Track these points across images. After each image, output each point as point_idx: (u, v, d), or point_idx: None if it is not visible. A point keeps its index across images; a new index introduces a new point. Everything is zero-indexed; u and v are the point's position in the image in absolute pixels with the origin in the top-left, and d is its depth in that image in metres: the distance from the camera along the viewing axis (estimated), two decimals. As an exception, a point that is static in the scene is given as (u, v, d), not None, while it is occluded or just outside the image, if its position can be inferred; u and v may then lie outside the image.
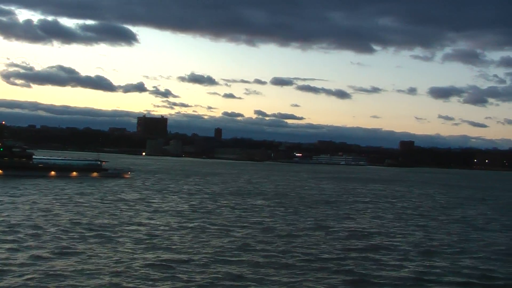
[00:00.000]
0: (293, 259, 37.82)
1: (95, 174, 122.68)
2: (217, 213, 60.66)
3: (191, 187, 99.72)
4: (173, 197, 79.62)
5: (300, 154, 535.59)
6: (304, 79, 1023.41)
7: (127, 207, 63.85)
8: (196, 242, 42.76)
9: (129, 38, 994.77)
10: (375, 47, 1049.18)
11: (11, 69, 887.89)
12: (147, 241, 42.59)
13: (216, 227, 50.90)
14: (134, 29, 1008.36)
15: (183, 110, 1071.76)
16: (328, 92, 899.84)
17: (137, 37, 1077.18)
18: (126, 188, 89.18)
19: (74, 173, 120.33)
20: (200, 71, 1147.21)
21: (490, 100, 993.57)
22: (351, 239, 46.69)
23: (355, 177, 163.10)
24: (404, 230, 52.07)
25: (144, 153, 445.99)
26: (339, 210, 69.73)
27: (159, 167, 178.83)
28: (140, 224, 51.29)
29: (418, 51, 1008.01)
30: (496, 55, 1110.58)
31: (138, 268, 33.44)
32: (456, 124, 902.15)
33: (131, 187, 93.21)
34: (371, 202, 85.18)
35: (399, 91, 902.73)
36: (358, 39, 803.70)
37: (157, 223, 52.45)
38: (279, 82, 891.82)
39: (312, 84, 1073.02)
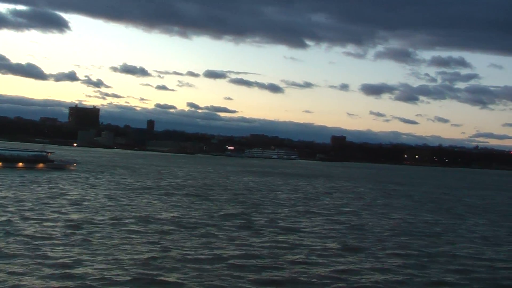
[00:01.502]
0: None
1: (41, 165, 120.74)
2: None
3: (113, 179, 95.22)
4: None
5: (233, 148, 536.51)
6: (237, 73, 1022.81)
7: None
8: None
9: (61, 26, 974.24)
10: (308, 42, 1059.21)
11: None
12: None
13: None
14: (66, 16, 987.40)
15: (116, 101, 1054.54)
16: (261, 86, 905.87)
17: (69, 24, 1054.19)
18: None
19: (21, 164, 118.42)
20: (132, 62, 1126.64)
21: (421, 98, 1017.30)
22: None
23: (281, 172, 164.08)
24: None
25: (75, 144, 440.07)
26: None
27: (88, 159, 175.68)
28: None
29: (351, 48, 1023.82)
30: (427, 54, 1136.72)
31: None
32: (387, 120, 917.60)
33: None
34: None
35: (331, 86, 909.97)
36: (292, 34, 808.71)
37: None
38: (212, 75, 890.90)
39: (245, 77, 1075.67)
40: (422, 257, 36.83)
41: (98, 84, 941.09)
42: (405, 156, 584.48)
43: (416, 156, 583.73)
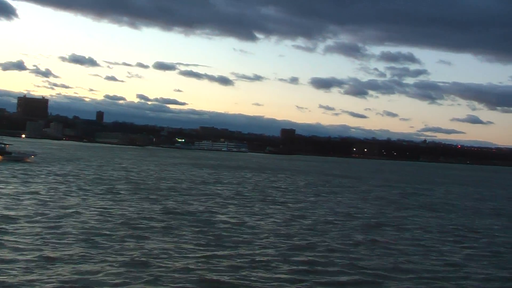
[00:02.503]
0: None
1: None
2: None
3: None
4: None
5: (182, 140, 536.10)
6: (187, 65, 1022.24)
7: None
8: None
9: (8, 13, 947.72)
10: (258, 35, 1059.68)
11: None
12: None
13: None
14: (14, 3, 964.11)
15: (64, 91, 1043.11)
16: (211, 78, 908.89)
17: (17, 12, 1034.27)
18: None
19: None
20: (81, 52, 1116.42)
21: (370, 92, 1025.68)
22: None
23: (227, 164, 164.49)
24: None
25: (23, 136, 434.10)
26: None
27: (39, 151, 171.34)
28: None
29: (301, 41, 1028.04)
30: (377, 49, 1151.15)
31: None
32: (336, 114, 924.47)
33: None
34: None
35: (281, 80, 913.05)
36: (241, 27, 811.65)
37: None
38: (162, 66, 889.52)
39: (195, 69, 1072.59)
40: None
41: (46, 74, 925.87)
42: (354, 149, 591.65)
43: (365, 150, 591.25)
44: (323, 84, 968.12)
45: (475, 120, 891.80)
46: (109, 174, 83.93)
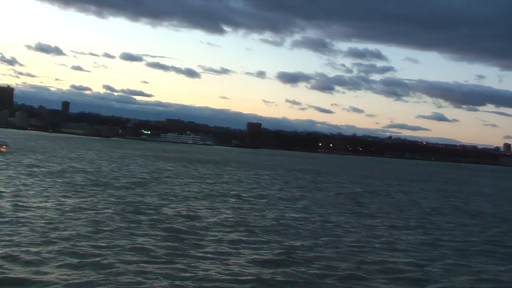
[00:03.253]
0: None
1: None
2: None
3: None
4: None
5: (148, 132, 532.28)
6: (154, 56, 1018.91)
7: None
8: None
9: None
10: (225, 28, 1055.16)
11: None
12: None
13: None
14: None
15: (30, 80, 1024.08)
16: (178, 70, 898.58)
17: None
18: None
19: None
20: (47, 40, 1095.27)
21: (337, 87, 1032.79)
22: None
23: (189, 157, 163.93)
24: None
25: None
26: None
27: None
28: None
29: (268, 35, 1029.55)
30: (344, 45, 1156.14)
31: None
32: (303, 109, 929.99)
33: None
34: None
35: (248, 73, 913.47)
36: (209, 19, 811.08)
37: None
38: (129, 57, 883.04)
39: (162, 61, 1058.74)
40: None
41: (12, 62, 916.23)
42: (320, 144, 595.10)
43: (331, 145, 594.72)
44: (290, 78, 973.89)
45: (440, 118, 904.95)
46: (68, 166, 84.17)
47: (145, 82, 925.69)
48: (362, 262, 26.99)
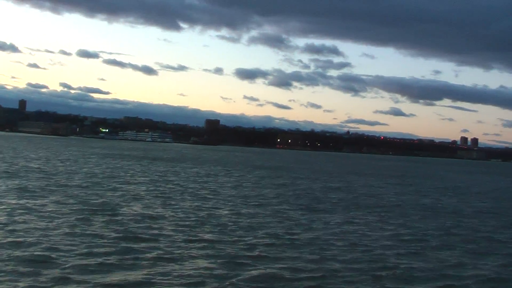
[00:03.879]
0: None
1: None
2: None
3: None
4: None
5: (106, 130, 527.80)
6: (111, 53, 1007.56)
7: None
8: None
9: None
10: (182, 24, 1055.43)
11: None
12: None
13: None
14: None
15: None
16: (135, 67, 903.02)
17: None
18: None
19: None
20: (2, 37, 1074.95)
21: (294, 83, 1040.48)
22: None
23: (146, 155, 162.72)
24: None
25: None
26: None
27: None
28: None
29: (225, 32, 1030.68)
30: (301, 41, 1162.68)
31: None
32: (261, 105, 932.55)
33: None
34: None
35: (205, 70, 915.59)
36: (165, 16, 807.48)
37: None
38: (85, 54, 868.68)
39: (119, 58, 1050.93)
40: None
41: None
42: (278, 140, 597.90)
43: (289, 140, 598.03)
44: (247, 75, 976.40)
45: (397, 113, 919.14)
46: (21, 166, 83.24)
47: (102, 79, 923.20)
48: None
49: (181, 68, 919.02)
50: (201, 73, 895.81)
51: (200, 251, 26.50)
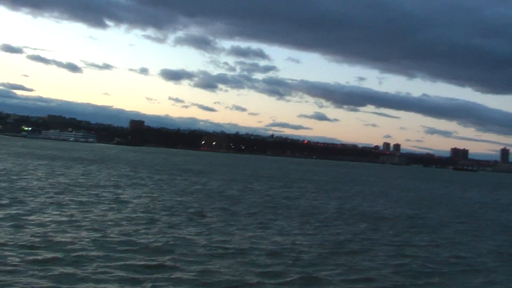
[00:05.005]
0: None
1: None
2: None
3: None
4: None
5: (29, 128, 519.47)
6: (35, 49, 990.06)
7: None
8: None
9: None
10: (108, 22, 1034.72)
11: None
12: None
13: None
14: None
15: None
16: (59, 64, 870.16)
17: None
18: None
19: None
20: None
21: (220, 86, 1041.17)
22: None
23: (65, 156, 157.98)
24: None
25: None
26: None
27: None
28: None
29: (151, 31, 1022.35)
30: (227, 43, 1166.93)
31: None
32: (186, 106, 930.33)
33: None
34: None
35: (131, 69, 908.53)
36: (91, 12, 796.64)
37: None
38: (9, 49, 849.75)
39: (43, 54, 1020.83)
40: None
41: None
42: (203, 142, 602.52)
43: (214, 143, 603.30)
44: (173, 75, 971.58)
45: (321, 117, 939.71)
46: None
47: (26, 75, 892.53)
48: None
49: (106, 66, 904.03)
50: (127, 73, 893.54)
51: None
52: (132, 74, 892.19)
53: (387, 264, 27.43)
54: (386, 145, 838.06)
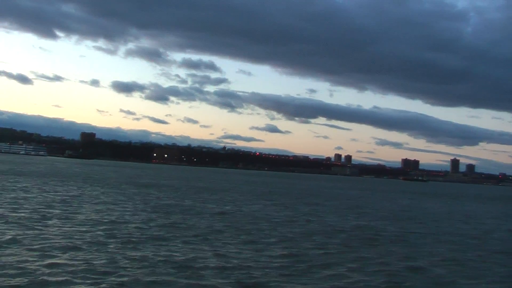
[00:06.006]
0: None
1: None
2: None
3: None
4: None
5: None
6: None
7: None
8: None
9: None
10: (58, 33, 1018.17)
11: None
12: None
13: None
14: None
15: None
16: (9, 75, 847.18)
17: None
18: None
19: None
20: None
21: (172, 98, 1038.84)
22: None
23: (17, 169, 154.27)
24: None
25: None
26: None
27: None
28: None
29: (102, 43, 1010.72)
30: (178, 56, 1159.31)
31: None
32: (137, 119, 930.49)
33: None
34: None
35: (82, 81, 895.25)
36: (41, 23, 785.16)
37: None
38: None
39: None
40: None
41: None
42: (154, 154, 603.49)
43: (165, 155, 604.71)
44: (124, 88, 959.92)
45: (273, 129, 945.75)
46: None
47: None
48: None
49: (57, 78, 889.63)
50: (77, 85, 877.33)
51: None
52: (83, 86, 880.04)
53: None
54: (338, 156, 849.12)
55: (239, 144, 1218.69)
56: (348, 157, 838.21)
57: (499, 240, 48.03)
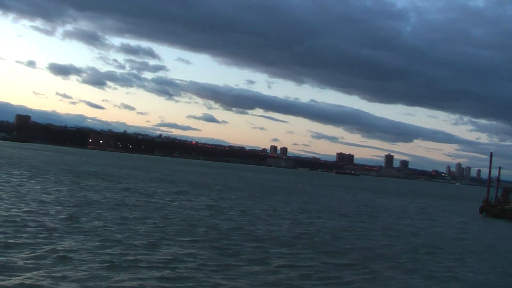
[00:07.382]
0: None
1: None
2: None
3: None
4: None
5: None
6: None
7: None
8: None
9: None
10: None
11: None
12: None
13: None
14: None
15: None
16: None
17: None
18: None
19: None
20: None
21: (109, 83, 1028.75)
22: None
23: None
24: None
25: None
26: None
27: None
28: None
29: (39, 22, 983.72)
30: (116, 40, 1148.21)
31: None
32: (74, 103, 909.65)
33: None
34: None
35: (18, 62, 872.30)
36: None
37: None
38: None
39: None
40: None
41: None
42: (90, 140, 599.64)
43: (101, 141, 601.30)
44: (61, 70, 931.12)
45: (210, 119, 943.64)
46: None
47: None
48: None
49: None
50: (13, 65, 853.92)
51: None
52: (19, 66, 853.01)
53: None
54: (274, 148, 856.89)
55: (176, 132, 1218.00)
56: (284, 149, 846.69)
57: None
